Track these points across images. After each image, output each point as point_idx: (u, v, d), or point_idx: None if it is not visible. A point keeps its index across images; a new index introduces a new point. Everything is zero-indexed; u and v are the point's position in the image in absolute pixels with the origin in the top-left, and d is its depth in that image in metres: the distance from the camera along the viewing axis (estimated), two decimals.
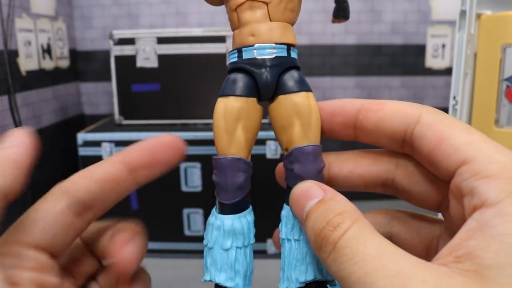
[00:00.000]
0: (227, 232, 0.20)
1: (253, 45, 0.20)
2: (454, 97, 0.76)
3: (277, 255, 1.30)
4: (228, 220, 0.20)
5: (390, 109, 0.19)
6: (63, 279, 0.19)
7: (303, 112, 0.20)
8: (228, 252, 0.20)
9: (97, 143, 1.31)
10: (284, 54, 0.20)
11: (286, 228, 0.20)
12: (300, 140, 0.20)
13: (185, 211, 1.38)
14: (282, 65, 0.20)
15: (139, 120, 1.42)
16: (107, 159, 0.20)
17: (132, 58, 1.37)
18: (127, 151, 0.20)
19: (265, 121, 0.22)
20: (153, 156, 0.20)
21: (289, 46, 0.20)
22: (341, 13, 0.24)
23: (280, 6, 0.20)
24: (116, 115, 1.42)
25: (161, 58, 1.37)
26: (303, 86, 0.20)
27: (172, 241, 1.40)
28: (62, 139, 1.57)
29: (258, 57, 0.20)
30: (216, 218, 0.20)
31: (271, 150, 1.30)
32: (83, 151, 1.31)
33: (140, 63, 1.38)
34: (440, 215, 0.21)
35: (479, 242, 0.14)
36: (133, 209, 1.35)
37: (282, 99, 0.20)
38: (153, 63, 1.38)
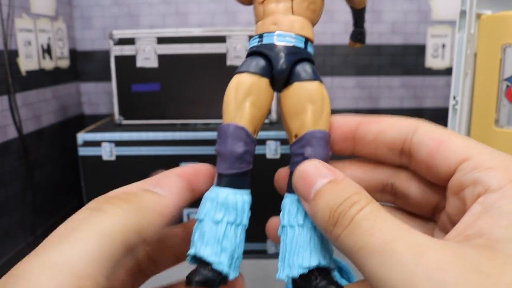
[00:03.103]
0: (220, 204, 0.20)
1: (274, 32, 0.21)
2: (454, 97, 0.76)
3: (278, 255, 1.30)
4: (223, 193, 0.20)
5: (389, 121, 0.20)
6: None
7: (316, 99, 0.20)
8: (218, 225, 0.19)
9: (97, 143, 1.31)
10: (302, 45, 0.21)
11: (289, 214, 0.20)
12: (312, 125, 0.20)
13: (185, 211, 1.38)
14: (298, 54, 0.21)
15: (139, 120, 1.42)
16: (141, 184, 0.19)
17: (132, 58, 1.37)
18: (164, 178, 0.20)
19: (265, 121, 0.22)
20: (189, 184, 0.20)
21: (307, 40, 0.21)
22: (358, 36, 0.26)
23: (304, 4, 0.21)
24: (116, 115, 1.42)
25: (161, 58, 1.37)
26: (317, 77, 0.21)
27: None
28: (62, 139, 1.57)
29: (277, 43, 0.21)
30: (211, 191, 0.20)
31: (271, 150, 1.30)
32: (83, 151, 1.31)
33: (140, 63, 1.38)
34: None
35: (487, 221, 0.15)
36: None
37: (296, 86, 0.21)
38: (153, 63, 1.38)
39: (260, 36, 0.21)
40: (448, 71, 1.76)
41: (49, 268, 0.14)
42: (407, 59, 1.77)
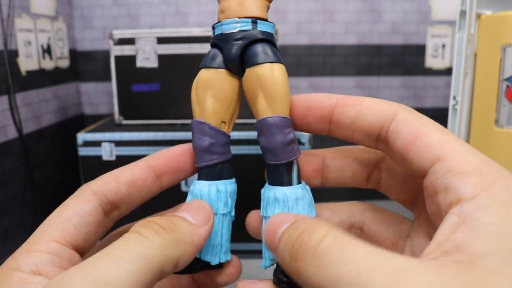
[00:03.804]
0: (193, 195, 0.21)
1: (221, 21, 0.21)
2: (454, 97, 0.76)
3: None
4: (198, 185, 0.21)
5: (367, 105, 0.19)
6: None
7: (265, 83, 0.20)
8: None
9: (97, 143, 1.31)
10: (249, 27, 0.20)
11: (261, 205, 0.21)
12: (264, 112, 0.20)
13: None
14: (245, 38, 0.20)
15: (139, 120, 1.42)
16: (136, 163, 0.21)
17: (132, 58, 1.37)
18: (155, 156, 0.22)
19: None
20: (177, 163, 0.21)
21: (256, 20, 0.20)
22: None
23: None
24: (116, 115, 1.42)
25: (161, 58, 1.37)
26: (267, 58, 0.20)
27: None
28: (62, 139, 1.57)
29: (224, 32, 0.20)
30: (192, 184, 0.21)
31: None
32: (83, 151, 1.31)
33: (140, 63, 1.38)
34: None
35: (465, 234, 0.14)
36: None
37: (248, 72, 0.20)
38: (153, 63, 1.38)
39: (213, 28, 0.21)
40: (448, 71, 1.76)
41: (90, 284, 0.14)
42: (407, 59, 1.77)
